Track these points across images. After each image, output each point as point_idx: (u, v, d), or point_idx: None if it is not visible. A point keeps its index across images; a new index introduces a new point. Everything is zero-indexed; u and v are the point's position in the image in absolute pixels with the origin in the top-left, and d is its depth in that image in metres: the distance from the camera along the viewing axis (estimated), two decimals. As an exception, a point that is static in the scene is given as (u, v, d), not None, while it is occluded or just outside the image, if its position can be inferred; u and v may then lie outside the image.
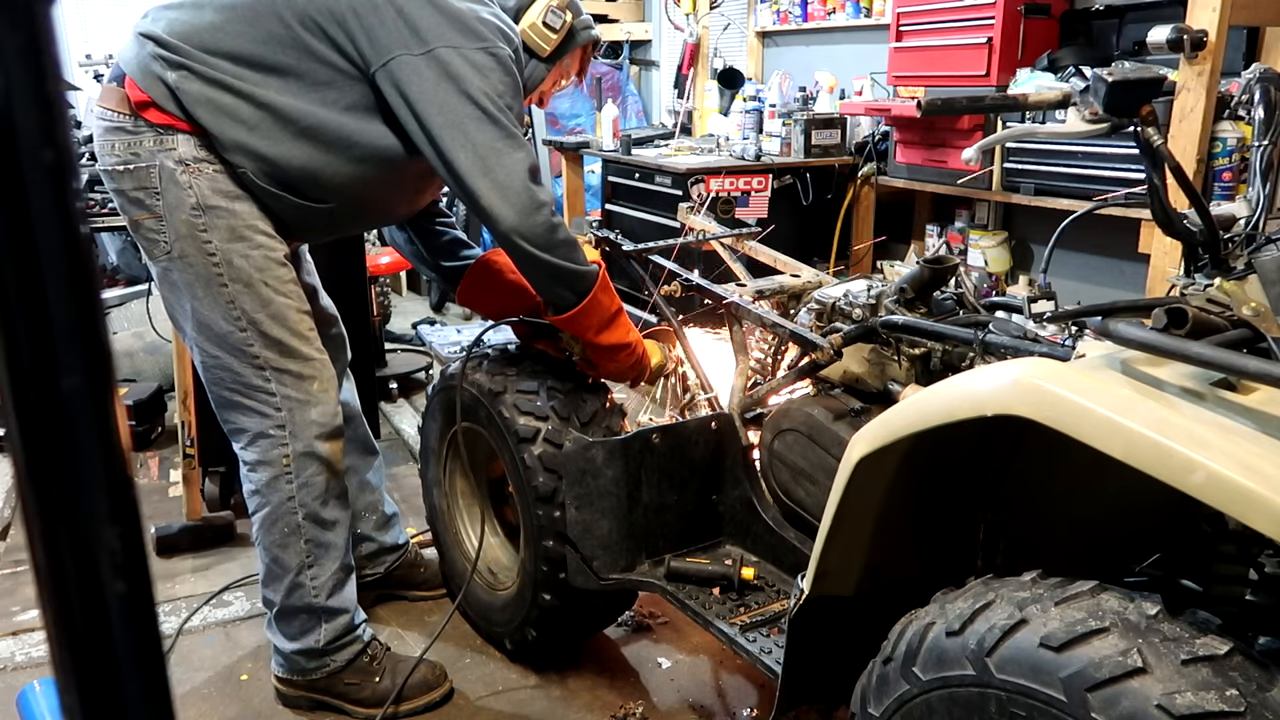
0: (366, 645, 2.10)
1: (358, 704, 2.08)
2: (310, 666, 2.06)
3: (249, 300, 1.86)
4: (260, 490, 1.97)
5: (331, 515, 2.01)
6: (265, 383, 1.91)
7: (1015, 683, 1.02)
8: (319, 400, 1.95)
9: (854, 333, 1.78)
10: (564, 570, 2.00)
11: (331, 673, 2.06)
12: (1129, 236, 3.02)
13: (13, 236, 0.35)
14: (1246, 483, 0.88)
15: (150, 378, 3.92)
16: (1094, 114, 1.38)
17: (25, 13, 0.34)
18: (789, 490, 1.89)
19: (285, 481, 1.95)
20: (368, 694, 2.07)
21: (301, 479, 1.95)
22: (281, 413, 1.92)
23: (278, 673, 2.12)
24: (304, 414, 1.93)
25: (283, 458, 1.94)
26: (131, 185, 1.85)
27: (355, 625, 2.09)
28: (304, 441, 1.94)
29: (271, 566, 2.01)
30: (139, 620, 0.40)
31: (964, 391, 1.13)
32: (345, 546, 2.07)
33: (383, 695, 2.06)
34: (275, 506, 1.97)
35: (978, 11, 3.41)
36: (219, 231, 1.83)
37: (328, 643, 2.04)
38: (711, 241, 2.50)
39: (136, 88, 1.82)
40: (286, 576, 2.00)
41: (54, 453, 0.37)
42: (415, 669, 2.10)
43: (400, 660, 2.14)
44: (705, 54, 5.50)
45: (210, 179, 1.82)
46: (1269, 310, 1.16)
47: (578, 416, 2.01)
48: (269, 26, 1.79)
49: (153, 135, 1.82)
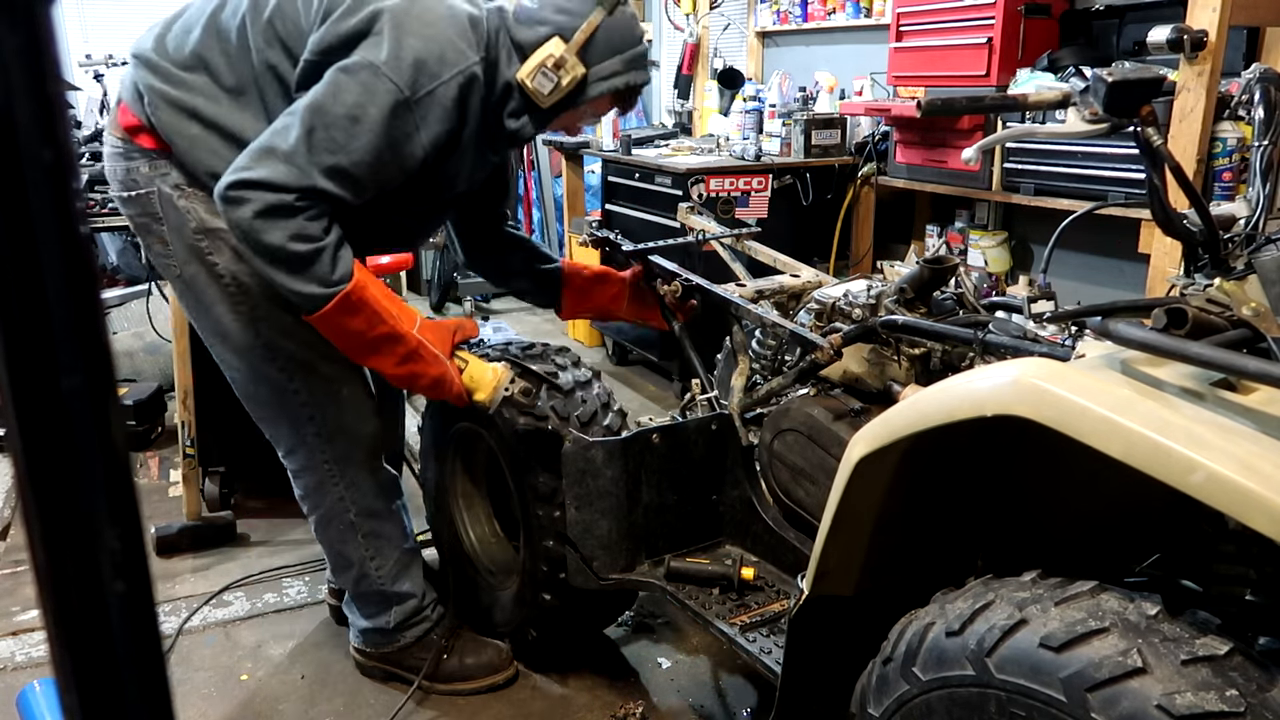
0: (435, 624, 2.19)
1: (427, 678, 2.17)
2: (382, 642, 2.17)
3: (264, 316, 1.86)
4: (309, 495, 2.04)
5: (383, 505, 2.07)
6: (295, 394, 1.92)
7: (1015, 683, 1.02)
8: (349, 403, 1.96)
9: (854, 333, 1.78)
10: (564, 570, 2.00)
11: (402, 648, 2.16)
12: (1129, 236, 3.02)
13: (13, 236, 0.35)
14: (1246, 483, 0.87)
15: (150, 378, 3.92)
16: (1094, 114, 1.38)
17: (25, 13, 0.34)
18: (789, 490, 1.89)
19: (331, 485, 2.00)
20: (436, 669, 2.17)
21: (346, 480, 2.00)
22: (315, 420, 1.94)
23: (355, 643, 2.23)
24: (337, 419, 1.95)
25: (324, 463, 1.98)
26: (136, 211, 1.88)
27: (423, 607, 2.17)
28: (341, 446, 1.97)
29: (337, 560, 2.11)
30: (139, 620, 0.40)
31: (964, 391, 1.13)
32: (404, 531, 2.14)
33: (450, 672, 2.16)
34: (327, 509, 2.03)
35: (978, 11, 3.41)
36: (224, 254, 1.84)
37: (398, 623, 2.14)
38: (711, 241, 2.50)
39: (128, 111, 1.83)
40: (352, 569, 2.09)
41: (54, 453, 0.38)
42: (484, 650, 2.19)
43: (470, 640, 2.21)
44: (705, 54, 5.50)
45: (205, 202, 1.82)
46: (1269, 310, 1.16)
47: (578, 416, 2.01)
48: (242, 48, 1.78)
49: (146, 161, 1.83)
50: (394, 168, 1.74)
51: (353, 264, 1.74)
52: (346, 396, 1.95)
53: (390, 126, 1.69)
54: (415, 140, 1.73)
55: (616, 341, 4.62)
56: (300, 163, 1.65)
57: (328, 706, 2.14)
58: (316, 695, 2.18)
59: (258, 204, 1.63)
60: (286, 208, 1.64)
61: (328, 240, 1.69)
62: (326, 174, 1.66)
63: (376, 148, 1.69)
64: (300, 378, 1.91)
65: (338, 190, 1.68)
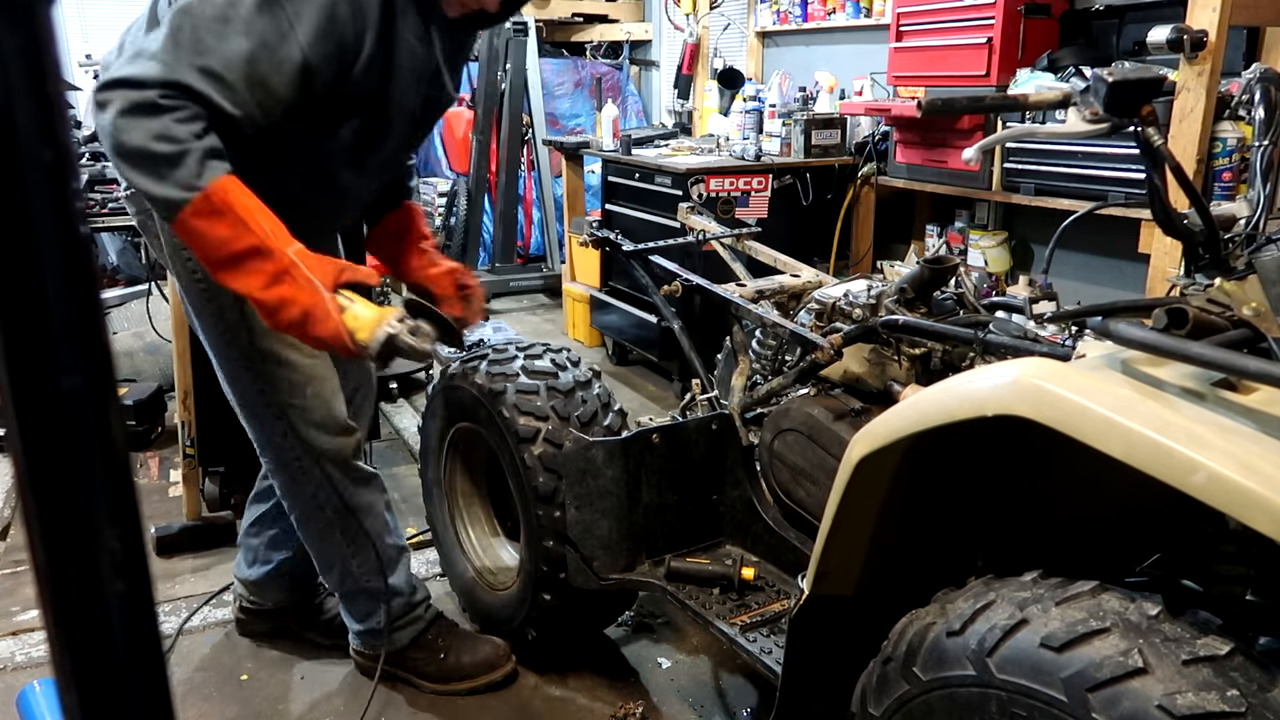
0: (429, 625, 2.18)
1: (424, 678, 2.17)
2: (378, 644, 2.15)
3: (234, 316, 1.86)
4: (285, 493, 2.04)
5: (360, 502, 2.05)
6: (261, 393, 1.92)
7: (1016, 683, 1.02)
8: (316, 404, 1.96)
9: (854, 333, 1.78)
10: (564, 570, 2.00)
11: (399, 650, 2.15)
12: (1129, 236, 3.02)
13: (13, 236, 0.35)
14: (1247, 483, 0.87)
15: (150, 378, 3.92)
16: (1094, 114, 1.38)
17: (25, 13, 0.34)
18: (789, 490, 1.89)
19: (305, 482, 2.00)
20: (433, 669, 2.16)
21: (319, 476, 1.99)
22: (282, 420, 1.94)
23: (354, 645, 2.22)
24: (304, 417, 1.95)
25: (295, 460, 1.97)
26: (136, 209, 1.91)
27: (414, 605, 2.16)
28: (310, 444, 1.96)
29: (320, 559, 2.11)
30: (139, 620, 0.40)
31: (964, 391, 1.13)
32: (387, 528, 2.11)
33: (447, 671, 2.15)
34: (303, 507, 2.03)
35: (978, 11, 3.41)
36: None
37: (389, 623, 2.12)
38: (711, 241, 2.50)
39: None
40: (336, 566, 2.09)
41: (54, 453, 0.37)
42: (480, 648, 2.18)
43: (466, 638, 2.20)
44: (705, 54, 5.50)
45: None
46: (1269, 310, 1.16)
47: (578, 416, 2.01)
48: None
49: None
50: (273, 74, 1.62)
51: (226, 177, 1.58)
52: (313, 394, 1.94)
53: (259, 24, 1.58)
54: (291, 40, 1.61)
55: (616, 341, 4.62)
56: (167, 59, 1.54)
57: (328, 706, 2.14)
58: (316, 695, 2.18)
59: (121, 103, 1.53)
60: (150, 105, 1.52)
61: (195, 144, 1.55)
62: (196, 73, 1.55)
63: (247, 48, 1.58)
64: (266, 373, 1.90)
65: (210, 92, 1.56)
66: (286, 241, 1.62)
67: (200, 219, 1.55)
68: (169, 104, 1.53)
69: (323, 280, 1.63)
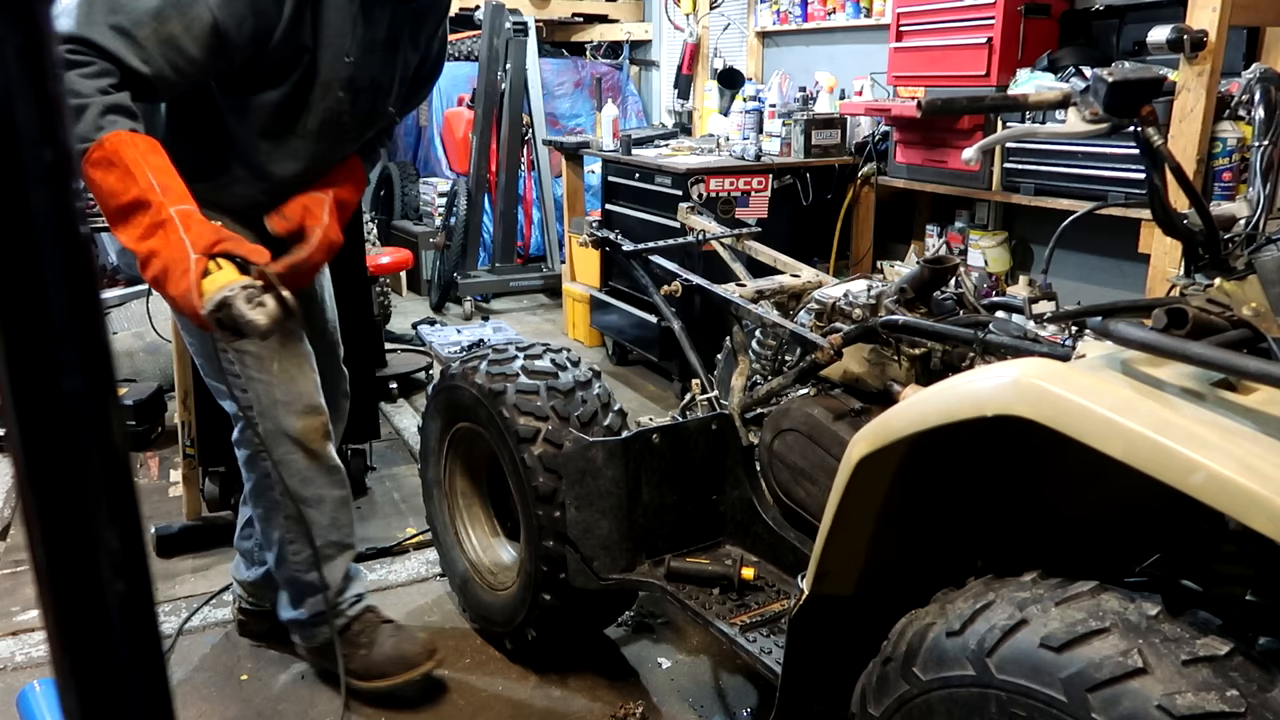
0: (353, 620, 2.15)
1: (349, 673, 2.14)
2: (306, 636, 2.16)
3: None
4: (244, 465, 2.06)
5: (312, 493, 2.03)
6: (230, 365, 1.94)
7: (1015, 683, 1.02)
8: (281, 380, 1.96)
9: (854, 333, 1.78)
10: (564, 570, 2.00)
11: (324, 643, 2.14)
12: (1129, 236, 3.02)
13: (13, 236, 0.35)
14: (1246, 483, 0.87)
15: (150, 378, 3.92)
16: (1094, 114, 1.38)
17: (25, 13, 0.34)
18: (789, 490, 1.89)
19: (261, 459, 2.00)
20: (357, 665, 2.13)
21: (276, 456, 1.98)
22: (248, 394, 1.96)
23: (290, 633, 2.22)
24: (269, 393, 1.96)
25: (254, 437, 1.98)
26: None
27: (337, 604, 2.13)
28: (272, 420, 1.96)
29: (263, 536, 2.12)
30: (139, 620, 0.40)
31: (964, 392, 1.13)
32: (333, 523, 2.08)
33: (369, 666, 2.12)
34: (256, 481, 2.05)
35: (978, 11, 3.41)
36: None
37: (310, 616, 2.12)
38: (711, 241, 2.50)
39: None
40: (273, 547, 2.09)
41: (54, 453, 0.37)
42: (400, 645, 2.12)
43: (390, 635, 2.15)
44: (705, 54, 5.50)
45: None
46: (1269, 310, 1.16)
47: (578, 417, 2.01)
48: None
49: None
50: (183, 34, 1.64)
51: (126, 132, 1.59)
52: (277, 371, 1.95)
53: None
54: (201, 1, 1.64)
55: (616, 341, 4.62)
56: (80, 16, 1.58)
57: (328, 706, 2.14)
58: (316, 695, 2.18)
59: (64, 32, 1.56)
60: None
61: (98, 99, 1.57)
62: (107, 30, 1.58)
63: (156, 6, 1.61)
64: (233, 348, 1.92)
65: (119, 49, 1.59)
66: (177, 200, 1.62)
67: (96, 169, 1.57)
68: (75, 59, 1.56)
69: (195, 241, 1.62)
